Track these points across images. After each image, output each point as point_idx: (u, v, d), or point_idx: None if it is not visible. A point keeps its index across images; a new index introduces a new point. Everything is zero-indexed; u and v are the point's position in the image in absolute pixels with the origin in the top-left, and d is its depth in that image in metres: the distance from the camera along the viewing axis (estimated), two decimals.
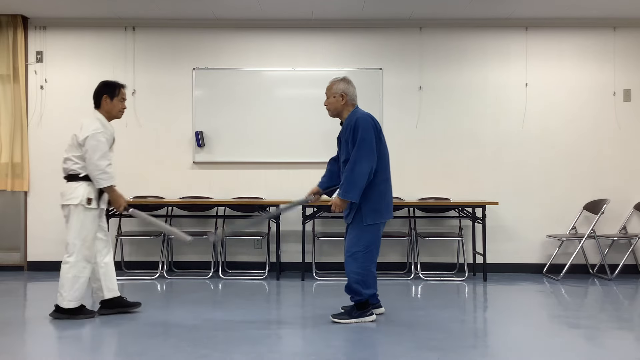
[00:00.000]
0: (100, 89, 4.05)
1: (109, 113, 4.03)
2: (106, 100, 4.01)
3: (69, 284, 3.85)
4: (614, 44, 6.08)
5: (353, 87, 4.03)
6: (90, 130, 3.85)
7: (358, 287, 3.82)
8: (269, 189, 6.06)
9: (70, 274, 3.85)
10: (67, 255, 3.87)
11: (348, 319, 3.84)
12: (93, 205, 3.88)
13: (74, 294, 3.87)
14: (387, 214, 3.90)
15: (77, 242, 3.85)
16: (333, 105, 4.01)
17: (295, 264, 5.84)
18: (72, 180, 3.89)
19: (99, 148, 3.84)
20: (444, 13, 5.91)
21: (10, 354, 3.19)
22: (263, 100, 6.09)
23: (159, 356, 3.11)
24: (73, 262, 3.85)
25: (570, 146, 6.06)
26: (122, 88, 4.08)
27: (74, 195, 3.85)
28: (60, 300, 3.88)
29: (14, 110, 6.02)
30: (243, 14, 5.95)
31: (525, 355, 3.17)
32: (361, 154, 3.73)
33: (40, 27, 6.13)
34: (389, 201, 3.92)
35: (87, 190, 3.86)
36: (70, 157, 3.89)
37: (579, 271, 5.89)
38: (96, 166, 3.82)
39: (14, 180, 6.01)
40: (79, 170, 3.87)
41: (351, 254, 3.83)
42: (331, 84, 4.04)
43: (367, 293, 3.85)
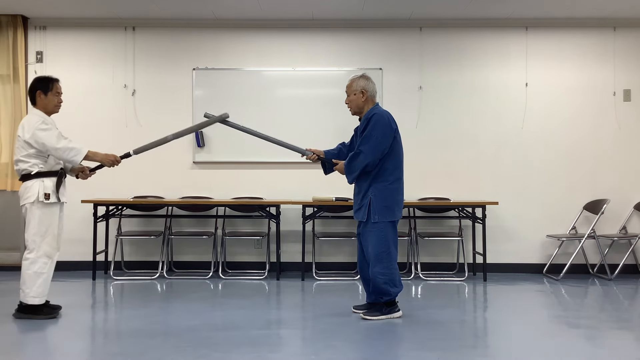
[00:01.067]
0: (34, 84, 4.01)
1: (45, 108, 3.99)
2: (40, 96, 3.98)
3: (31, 281, 3.82)
4: (614, 44, 6.08)
5: (373, 83, 4.06)
6: (32, 126, 3.84)
7: (386, 287, 3.87)
8: (269, 189, 6.06)
9: (31, 270, 3.83)
10: (27, 252, 3.85)
11: (378, 315, 3.90)
12: (52, 199, 3.86)
13: (37, 290, 3.84)
14: (398, 212, 3.93)
15: (37, 239, 3.83)
16: (354, 102, 4.03)
17: (295, 264, 5.84)
18: (26, 180, 3.88)
19: (50, 134, 3.82)
20: (444, 13, 5.91)
21: (10, 353, 3.19)
22: (263, 100, 6.09)
23: (159, 356, 3.11)
24: (33, 258, 3.83)
25: (570, 146, 6.06)
26: (56, 82, 4.05)
27: (30, 193, 3.83)
28: (23, 296, 3.85)
29: (14, 110, 6.02)
30: (243, 14, 5.95)
31: (525, 355, 3.17)
32: (364, 149, 3.84)
33: (40, 27, 6.13)
34: (400, 200, 3.94)
35: (41, 186, 3.84)
36: (19, 159, 3.88)
37: (579, 271, 5.89)
38: (60, 149, 3.80)
39: (13, 180, 6.01)
40: (30, 168, 3.86)
41: (374, 257, 3.88)
42: (351, 82, 4.06)
43: (396, 291, 3.92)
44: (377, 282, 3.88)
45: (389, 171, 3.88)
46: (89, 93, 6.12)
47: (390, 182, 3.88)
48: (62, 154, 3.83)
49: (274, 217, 5.60)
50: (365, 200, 3.90)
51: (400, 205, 3.96)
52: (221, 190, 6.08)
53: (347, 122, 6.04)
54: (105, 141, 6.08)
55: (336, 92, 6.14)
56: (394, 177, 3.90)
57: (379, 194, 3.86)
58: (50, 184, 3.88)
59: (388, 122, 3.89)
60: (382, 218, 3.86)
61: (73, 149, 3.83)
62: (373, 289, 3.94)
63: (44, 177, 3.87)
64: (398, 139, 3.95)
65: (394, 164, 3.91)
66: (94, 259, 5.54)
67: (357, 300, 4.77)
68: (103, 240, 5.80)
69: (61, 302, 4.64)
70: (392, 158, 3.90)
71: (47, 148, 3.82)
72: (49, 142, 3.80)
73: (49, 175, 3.89)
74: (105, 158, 3.96)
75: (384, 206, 3.86)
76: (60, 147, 3.80)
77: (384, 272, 3.86)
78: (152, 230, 5.95)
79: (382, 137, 3.84)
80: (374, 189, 3.88)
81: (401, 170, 3.96)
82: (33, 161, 3.86)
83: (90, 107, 6.11)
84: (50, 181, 3.88)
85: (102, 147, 6.00)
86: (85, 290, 5.11)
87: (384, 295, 3.91)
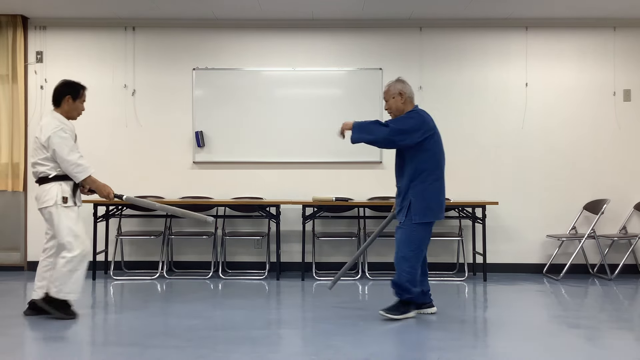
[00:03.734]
0: (63, 88, 4.00)
1: (68, 114, 3.99)
2: (68, 101, 3.97)
3: (66, 277, 3.82)
4: (614, 44, 6.08)
5: (409, 85, 4.07)
6: (50, 130, 3.82)
7: (409, 286, 3.88)
8: (268, 189, 6.06)
9: (66, 268, 3.82)
10: (64, 252, 3.84)
11: (398, 315, 3.92)
12: (69, 203, 3.86)
13: (72, 286, 3.85)
14: (438, 213, 3.90)
15: (71, 239, 3.83)
16: (394, 105, 4.03)
17: (295, 264, 5.84)
18: (43, 183, 3.87)
19: (64, 144, 3.82)
20: (444, 13, 5.91)
21: (9, 353, 3.19)
22: (263, 100, 6.09)
23: (159, 356, 3.11)
24: (69, 257, 3.83)
25: (570, 146, 6.06)
26: (84, 90, 4.06)
27: (49, 196, 3.83)
28: (55, 292, 3.84)
29: (12, 110, 6.02)
30: (243, 14, 5.95)
31: (525, 355, 3.17)
32: (391, 124, 3.83)
33: (40, 27, 6.13)
34: (441, 201, 3.92)
35: (60, 190, 3.84)
36: (37, 161, 3.87)
37: (579, 271, 5.89)
38: (68, 162, 3.80)
39: (14, 180, 6.00)
40: (49, 171, 3.85)
41: (403, 254, 3.87)
42: (387, 87, 4.07)
43: (416, 291, 3.94)
44: (402, 279, 3.88)
45: (428, 171, 3.86)
46: (89, 93, 5.96)
47: (429, 183, 3.85)
48: (67, 166, 3.82)
49: (274, 217, 5.60)
50: (406, 202, 3.88)
51: (442, 206, 3.93)
52: (221, 190, 6.08)
53: None
54: (105, 141, 6.10)
55: (336, 92, 6.15)
56: (434, 177, 3.87)
57: (419, 195, 3.84)
58: (67, 187, 3.88)
59: (424, 118, 3.91)
60: (422, 219, 3.84)
61: (80, 165, 3.83)
62: (396, 284, 3.92)
63: (61, 180, 3.86)
64: (437, 139, 3.93)
65: (433, 163, 3.89)
66: (94, 259, 5.53)
67: (357, 300, 4.78)
68: (103, 240, 5.80)
69: None
70: (431, 158, 3.88)
71: (57, 156, 3.81)
72: (61, 151, 3.80)
73: (66, 179, 3.88)
74: (102, 188, 3.94)
75: (424, 207, 3.84)
76: (68, 160, 3.80)
77: (409, 270, 3.86)
78: (152, 230, 5.94)
79: (410, 126, 3.83)
80: (413, 190, 3.86)
81: (441, 170, 3.94)
82: (51, 164, 3.85)
83: (90, 107, 6.04)
84: (67, 185, 3.88)
85: (102, 147, 6.07)
86: (85, 290, 5.09)
87: (406, 292, 3.91)
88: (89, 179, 3.88)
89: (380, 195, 6.00)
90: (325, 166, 6.06)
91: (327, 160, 6.03)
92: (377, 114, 5.99)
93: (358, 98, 6.09)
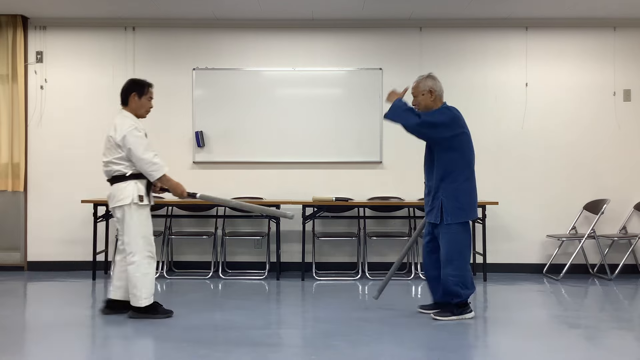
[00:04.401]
0: (129, 86, 4.01)
1: (136, 112, 4.00)
2: (134, 98, 3.97)
3: (141, 283, 3.82)
4: (614, 44, 6.08)
5: (439, 82, 4.05)
6: (125, 129, 3.83)
7: (457, 289, 3.84)
8: (269, 189, 6.05)
9: (139, 272, 3.82)
10: (130, 256, 3.84)
11: (450, 316, 3.88)
12: (145, 202, 3.87)
13: (147, 291, 3.85)
14: (470, 213, 3.89)
15: (139, 241, 3.84)
16: (423, 102, 4.01)
17: (295, 264, 5.84)
18: (118, 182, 3.85)
19: (139, 142, 3.82)
20: (444, 13, 5.91)
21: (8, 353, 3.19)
22: (263, 100, 6.09)
23: (159, 356, 3.11)
24: (139, 260, 3.83)
25: (570, 146, 6.06)
26: (151, 87, 4.06)
27: (124, 195, 3.82)
28: (135, 300, 3.85)
29: (12, 110, 6.01)
30: (243, 14, 5.95)
31: (525, 355, 3.17)
32: (424, 117, 3.85)
33: (40, 27, 6.12)
34: (473, 200, 3.91)
35: (136, 188, 3.83)
36: (111, 160, 3.86)
37: (579, 271, 5.89)
38: (143, 160, 3.80)
39: (14, 180, 6.00)
40: (124, 170, 3.84)
41: (445, 258, 3.86)
42: (417, 83, 4.05)
43: (467, 293, 3.88)
44: (448, 284, 3.84)
45: (459, 171, 3.84)
46: (89, 93, 6.12)
47: (460, 182, 3.84)
48: (143, 165, 3.82)
49: (274, 217, 5.59)
50: (437, 202, 3.87)
51: (474, 205, 3.92)
52: (221, 190, 6.05)
53: (347, 122, 6.06)
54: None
55: (336, 92, 6.15)
56: (464, 176, 3.85)
57: (450, 195, 3.83)
58: (142, 186, 3.88)
59: (455, 115, 3.91)
60: (454, 219, 3.82)
61: (155, 164, 3.83)
62: (443, 290, 3.90)
63: (136, 179, 3.86)
64: (467, 138, 3.93)
65: (464, 162, 3.87)
66: (94, 259, 5.54)
67: (357, 299, 4.78)
68: (103, 240, 5.80)
69: (61, 302, 4.67)
70: (461, 157, 3.86)
71: (132, 154, 3.81)
72: (136, 150, 3.80)
73: (141, 177, 3.88)
74: (176, 187, 3.93)
75: (456, 207, 3.82)
76: (144, 158, 3.80)
77: (454, 273, 3.82)
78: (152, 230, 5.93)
79: (440, 121, 3.85)
80: (443, 189, 3.84)
81: (472, 169, 3.92)
82: (127, 163, 3.85)
83: (90, 107, 6.11)
84: (142, 183, 3.88)
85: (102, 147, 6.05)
86: (85, 290, 5.11)
87: (455, 296, 3.86)
88: (164, 177, 3.87)
89: (380, 195, 6.00)
90: (325, 166, 6.06)
91: (327, 160, 6.03)
92: (377, 113, 5.99)
93: (358, 98, 6.09)
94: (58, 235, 6.03)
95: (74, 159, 6.05)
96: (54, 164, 6.06)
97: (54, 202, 6.04)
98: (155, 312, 3.89)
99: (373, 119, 6.04)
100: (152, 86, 4.08)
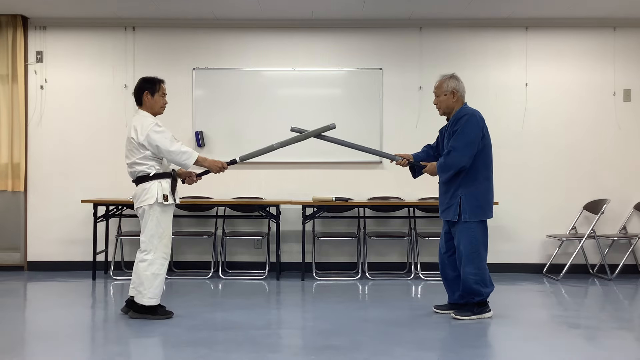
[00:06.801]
0: (141, 85, 4.01)
1: (152, 109, 3.99)
2: (147, 97, 3.98)
3: (149, 282, 3.82)
4: (614, 44, 6.08)
5: (462, 83, 4.04)
6: (147, 127, 3.83)
7: (478, 287, 3.87)
8: (269, 189, 6.05)
9: (148, 271, 3.82)
10: (144, 254, 3.84)
11: (470, 315, 3.89)
12: (170, 201, 3.86)
13: (154, 291, 3.84)
14: (488, 212, 3.92)
15: (155, 240, 3.83)
16: (445, 103, 4.00)
17: (295, 264, 5.84)
18: (143, 182, 3.85)
19: (164, 137, 3.83)
20: (444, 13, 5.91)
21: (8, 354, 3.20)
22: (263, 100, 6.09)
23: (159, 356, 3.11)
24: (151, 259, 3.83)
25: (570, 146, 6.06)
26: (162, 83, 4.06)
27: (149, 195, 3.82)
28: (140, 298, 3.84)
29: (12, 110, 6.01)
30: (243, 14, 5.95)
31: (525, 355, 3.17)
32: (457, 145, 3.82)
33: (40, 27, 6.12)
34: (490, 200, 3.94)
35: (160, 188, 3.83)
36: (136, 161, 3.85)
37: (579, 271, 5.89)
38: (173, 152, 3.81)
39: (14, 180, 6.00)
40: (148, 170, 3.84)
41: (465, 257, 3.87)
42: (440, 83, 4.02)
43: (487, 291, 3.91)
44: (469, 282, 3.86)
45: (479, 170, 3.87)
46: (89, 93, 6.12)
47: (480, 182, 3.87)
48: (174, 157, 3.83)
49: (274, 217, 5.60)
50: (455, 200, 3.88)
51: (491, 205, 3.95)
52: (221, 190, 6.07)
53: (347, 122, 6.06)
54: (105, 141, 6.09)
55: (336, 92, 6.15)
56: (484, 176, 3.89)
57: (469, 194, 3.85)
58: (167, 185, 3.87)
59: (478, 120, 3.90)
60: (472, 217, 3.85)
61: (185, 152, 3.84)
62: (463, 289, 3.92)
63: (160, 178, 3.86)
64: (487, 138, 3.93)
65: (484, 163, 3.90)
66: (94, 259, 5.54)
67: (357, 299, 4.78)
68: (103, 240, 5.80)
69: (61, 302, 4.67)
70: (482, 157, 3.88)
71: (160, 150, 3.81)
72: (163, 144, 3.80)
73: (165, 176, 3.89)
74: (213, 164, 3.96)
75: (475, 205, 3.85)
76: (173, 150, 3.81)
77: (475, 272, 3.85)
78: None
79: (475, 135, 3.84)
80: (463, 188, 3.87)
81: (491, 169, 3.95)
82: (150, 163, 3.85)
83: (90, 107, 6.11)
84: (167, 182, 3.88)
85: (103, 147, 6.07)
86: (85, 290, 5.11)
87: (476, 295, 3.89)
88: (199, 160, 3.88)
89: (380, 195, 6.00)
90: (325, 166, 6.06)
91: (327, 160, 6.03)
92: (377, 113, 6.00)
93: (358, 98, 6.09)
94: (58, 235, 6.03)
95: (74, 159, 6.06)
96: (54, 164, 6.06)
97: (54, 202, 6.04)
98: (155, 312, 3.89)
99: (373, 119, 6.04)
100: (164, 82, 4.08)
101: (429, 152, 4.21)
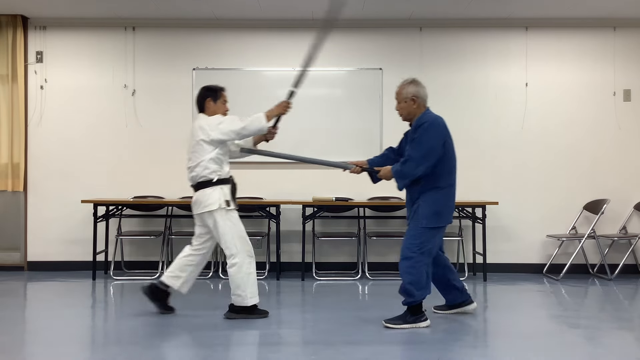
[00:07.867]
0: (203, 93, 4.03)
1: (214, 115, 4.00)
2: (210, 104, 3.99)
3: (244, 283, 3.86)
4: (614, 44, 6.08)
5: (423, 87, 3.92)
6: (212, 123, 3.85)
7: (411, 288, 3.69)
8: (269, 189, 6.05)
9: (241, 273, 3.86)
10: (231, 258, 3.87)
11: (402, 323, 3.73)
12: (231, 206, 3.88)
13: (252, 290, 3.89)
14: (447, 218, 3.81)
15: (237, 242, 3.86)
16: (405, 109, 3.89)
17: (295, 264, 5.84)
18: (204, 187, 3.86)
19: (230, 121, 3.85)
20: (444, 13, 5.91)
21: (8, 354, 3.19)
22: (263, 100, 6.06)
23: (159, 356, 3.11)
24: (240, 261, 3.86)
25: (570, 146, 6.06)
26: (223, 91, 4.08)
27: (211, 201, 3.83)
28: (241, 300, 3.88)
29: (12, 110, 6.01)
30: (243, 14, 5.95)
31: (525, 355, 3.17)
32: (414, 155, 3.72)
33: (40, 27, 6.12)
34: (451, 206, 3.84)
35: (222, 194, 3.84)
36: (198, 164, 3.85)
37: (579, 271, 5.89)
38: (246, 128, 3.82)
39: (14, 180, 6.00)
40: (210, 175, 3.84)
41: (405, 255, 3.74)
42: (400, 89, 3.92)
43: (420, 295, 3.72)
44: (404, 281, 3.71)
45: (441, 177, 3.77)
46: (89, 93, 6.12)
47: (441, 188, 3.77)
48: (251, 129, 3.84)
49: (274, 217, 5.60)
50: (415, 207, 3.79)
51: (451, 211, 3.85)
52: None
53: (347, 122, 6.06)
54: (105, 141, 6.10)
55: (336, 92, 6.15)
56: (446, 182, 3.78)
57: (428, 199, 3.74)
58: (227, 191, 3.89)
59: (439, 128, 3.80)
60: (429, 223, 3.73)
61: (255, 119, 3.84)
62: (400, 288, 3.77)
63: (221, 184, 3.87)
64: (450, 144, 3.84)
65: (447, 169, 3.80)
66: (94, 259, 5.54)
67: (357, 299, 4.78)
68: (103, 240, 5.80)
69: (61, 302, 4.67)
70: (444, 163, 3.78)
71: (237, 133, 3.83)
72: (235, 127, 3.82)
73: (226, 182, 3.90)
74: (280, 110, 3.97)
75: (433, 211, 3.73)
76: (246, 126, 3.83)
77: (410, 271, 3.69)
78: (152, 230, 5.94)
79: (434, 143, 3.73)
80: (424, 195, 3.76)
81: (454, 175, 3.85)
82: (213, 167, 3.85)
83: (90, 107, 6.11)
84: (227, 188, 3.90)
85: (102, 147, 6.07)
86: (85, 290, 5.11)
87: (408, 296, 3.71)
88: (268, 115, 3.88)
89: (380, 195, 6.00)
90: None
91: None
92: (377, 113, 6.00)
93: (358, 98, 6.09)
94: (58, 235, 6.03)
95: (74, 159, 6.06)
96: (53, 164, 6.06)
97: (54, 202, 6.04)
98: (252, 312, 3.93)
99: (373, 119, 6.04)
100: (225, 90, 4.10)
101: (389, 156, 4.09)
